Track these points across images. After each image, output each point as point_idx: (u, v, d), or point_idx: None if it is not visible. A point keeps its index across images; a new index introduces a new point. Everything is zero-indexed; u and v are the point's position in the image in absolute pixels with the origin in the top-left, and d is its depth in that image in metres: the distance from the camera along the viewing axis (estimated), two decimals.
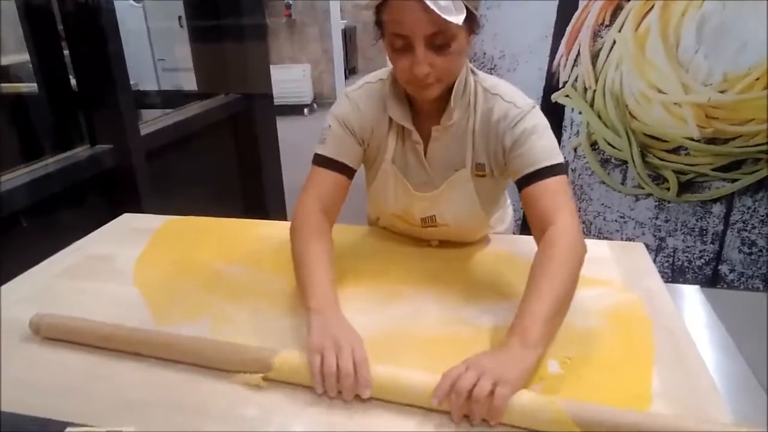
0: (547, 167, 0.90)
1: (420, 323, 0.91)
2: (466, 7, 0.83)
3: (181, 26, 4.65)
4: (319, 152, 1.00)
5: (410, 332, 0.89)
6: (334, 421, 0.71)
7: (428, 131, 0.99)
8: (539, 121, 0.93)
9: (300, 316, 0.93)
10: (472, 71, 0.98)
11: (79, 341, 0.86)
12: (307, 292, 0.86)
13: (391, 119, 1.00)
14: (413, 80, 0.88)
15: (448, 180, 1.01)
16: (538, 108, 0.95)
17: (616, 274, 1.03)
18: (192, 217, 1.35)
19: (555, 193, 0.89)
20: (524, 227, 2.27)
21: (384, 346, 0.83)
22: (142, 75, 4.94)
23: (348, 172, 1.00)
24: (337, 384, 0.72)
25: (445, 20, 0.80)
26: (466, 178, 1.00)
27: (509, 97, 0.95)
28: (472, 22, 0.87)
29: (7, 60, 3.38)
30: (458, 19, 0.80)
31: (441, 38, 0.83)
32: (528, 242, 1.19)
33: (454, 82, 0.94)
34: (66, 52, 1.80)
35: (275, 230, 1.26)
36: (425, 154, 1.01)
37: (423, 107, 0.98)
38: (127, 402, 0.75)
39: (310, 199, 0.98)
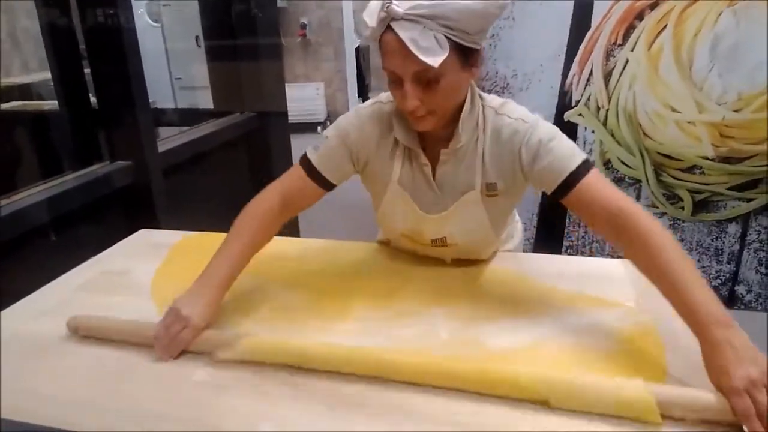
0: (579, 166, 0.91)
1: (430, 344, 0.90)
2: (460, 44, 0.84)
3: (199, 46, 4.75)
4: (308, 155, 1.03)
5: (421, 354, 0.88)
6: None
7: (437, 154, 1.00)
8: (550, 128, 0.95)
9: (312, 331, 0.94)
10: (480, 95, 0.99)
11: (116, 338, 0.92)
12: (209, 263, 0.96)
13: (397, 141, 1.01)
14: (406, 112, 0.91)
15: (457, 202, 1.02)
16: (542, 119, 0.97)
17: (629, 293, 1.03)
18: (208, 232, 1.36)
19: (600, 185, 0.90)
20: (537, 245, 2.26)
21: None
22: (160, 93, 5.04)
23: (325, 185, 1.03)
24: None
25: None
26: (475, 200, 1.01)
27: (516, 114, 0.97)
28: (468, 56, 0.88)
29: (30, 78, 3.48)
30: (436, 60, 0.81)
31: (427, 75, 0.85)
32: (539, 260, 1.19)
33: (462, 108, 0.95)
34: (87, 70, 1.84)
35: (288, 246, 1.27)
36: (434, 176, 1.02)
37: (433, 130, 0.99)
38: (142, 416, 0.76)
39: (274, 189, 1.03)
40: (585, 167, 0.91)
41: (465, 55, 0.87)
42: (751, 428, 0.66)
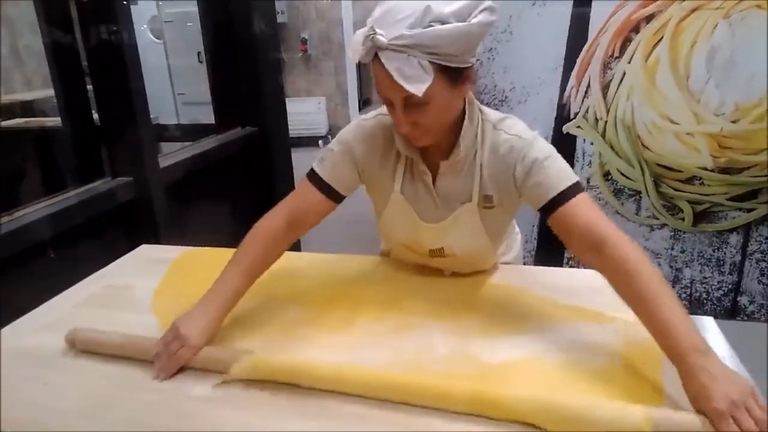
0: (569, 187, 0.91)
1: (428, 358, 0.90)
2: (447, 66, 0.84)
3: (200, 61, 4.79)
4: (314, 168, 1.04)
5: (419, 368, 0.88)
6: None
7: (437, 164, 1.01)
8: (547, 148, 0.96)
9: (314, 345, 0.94)
10: (480, 108, 1.00)
11: (113, 353, 0.92)
12: (213, 284, 0.96)
13: (398, 152, 1.02)
14: (402, 133, 0.94)
15: (454, 213, 1.03)
16: (540, 137, 0.98)
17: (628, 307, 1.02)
18: (208, 248, 1.37)
19: (587, 209, 0.91)
20: (538, 257, 2.26)
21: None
22: (163, 109, 5.07)
23: (334, 196, 1.04)
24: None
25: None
26: (472, 212, 1.02)
27: (514, 130, 0.98)
28: (457, 76, 0.88)
29: (33, 95, 3.51)
30: (420, 89, 0.82)
31: (416, 99, 0.85)
32: (538, 273, 1.19)
33: (461, 121, 0.97)
34: (89, 87, 1.86)
35: (289, 261, 1.27)
36: (434, 185, 1.03)
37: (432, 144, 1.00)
38: (144, 430, 0.76)
39: (281, 209, 1.04)
40: (574, 189, 0.92)
41: (454, 75, 0.88)
42: None
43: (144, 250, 1.40)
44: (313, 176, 1.04)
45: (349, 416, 0.77)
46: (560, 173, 0.93)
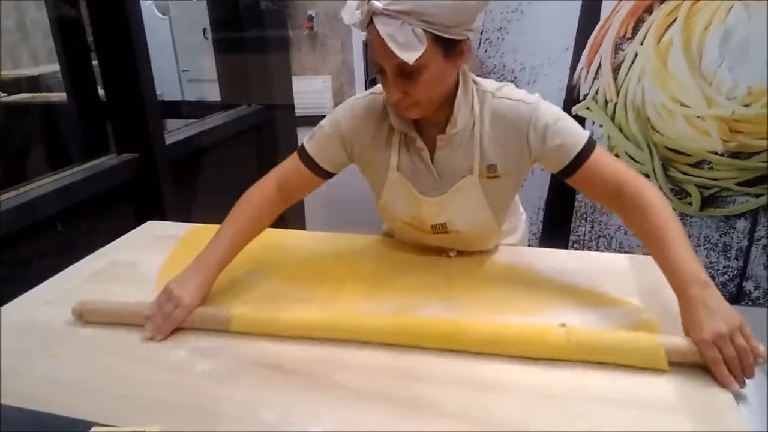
0: (585, 146, 0.95)
1: None
2: (441, 37, 0.85)
3: (206, 38, 4.74)
4: (304, 145, 1.06)
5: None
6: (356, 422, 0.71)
7: (433, 139, 1.01)
8: (553, 109, 0.98)
9: None
10: (474, 80, 1.00)
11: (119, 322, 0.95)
12: (205, 247, 0.99)
13: (393, 129, 1.02)
14: (391, 102, 0.95)
15: (455, 186, 1.03)
16: (542, 99, 0.99)
17: (634, 290, 1.02)
18: (214, 225, 1.36)
19: (605, 162, 0.96)
20: (542, 240, 2.26)
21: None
22: (168, 85, 5.04)
23: (321, 173, 1.06)
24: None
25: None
26: (473, 185, 1.02)
27: (515, 95, 0.98)
28: (451, 48, 0.88)
29: (39, 70, 3.50)
30: (411, 56, 0.82)
31: (409, 68, 0.86)
32: (543, 254, 1.19)
33: (455, 94, 0.96)
34: (95, 63, 1.85)
35: (294, 239, 1.28)
36: (432, 160, 1.03)
37: (425, 117, 0.99)
38: (149, 403, 0.77)
39: (272, 177, 1.07)
40: (590, 146, 0.95)
41: (448, 47, 0.88)
42: (720, 374, 0.74)
43: (150, 226, 1.40)
44: (302, 152, 1.06)
45: (347, 390, 0.78)
46: (574, 133, 0.96)
